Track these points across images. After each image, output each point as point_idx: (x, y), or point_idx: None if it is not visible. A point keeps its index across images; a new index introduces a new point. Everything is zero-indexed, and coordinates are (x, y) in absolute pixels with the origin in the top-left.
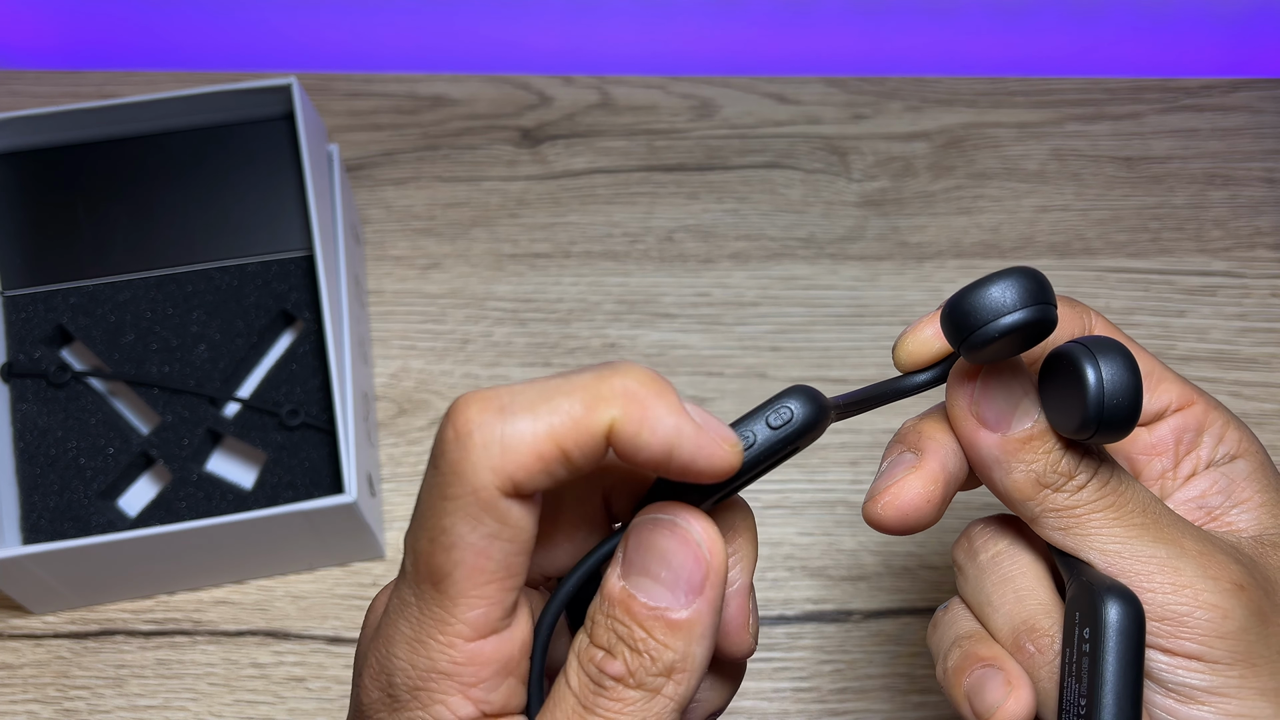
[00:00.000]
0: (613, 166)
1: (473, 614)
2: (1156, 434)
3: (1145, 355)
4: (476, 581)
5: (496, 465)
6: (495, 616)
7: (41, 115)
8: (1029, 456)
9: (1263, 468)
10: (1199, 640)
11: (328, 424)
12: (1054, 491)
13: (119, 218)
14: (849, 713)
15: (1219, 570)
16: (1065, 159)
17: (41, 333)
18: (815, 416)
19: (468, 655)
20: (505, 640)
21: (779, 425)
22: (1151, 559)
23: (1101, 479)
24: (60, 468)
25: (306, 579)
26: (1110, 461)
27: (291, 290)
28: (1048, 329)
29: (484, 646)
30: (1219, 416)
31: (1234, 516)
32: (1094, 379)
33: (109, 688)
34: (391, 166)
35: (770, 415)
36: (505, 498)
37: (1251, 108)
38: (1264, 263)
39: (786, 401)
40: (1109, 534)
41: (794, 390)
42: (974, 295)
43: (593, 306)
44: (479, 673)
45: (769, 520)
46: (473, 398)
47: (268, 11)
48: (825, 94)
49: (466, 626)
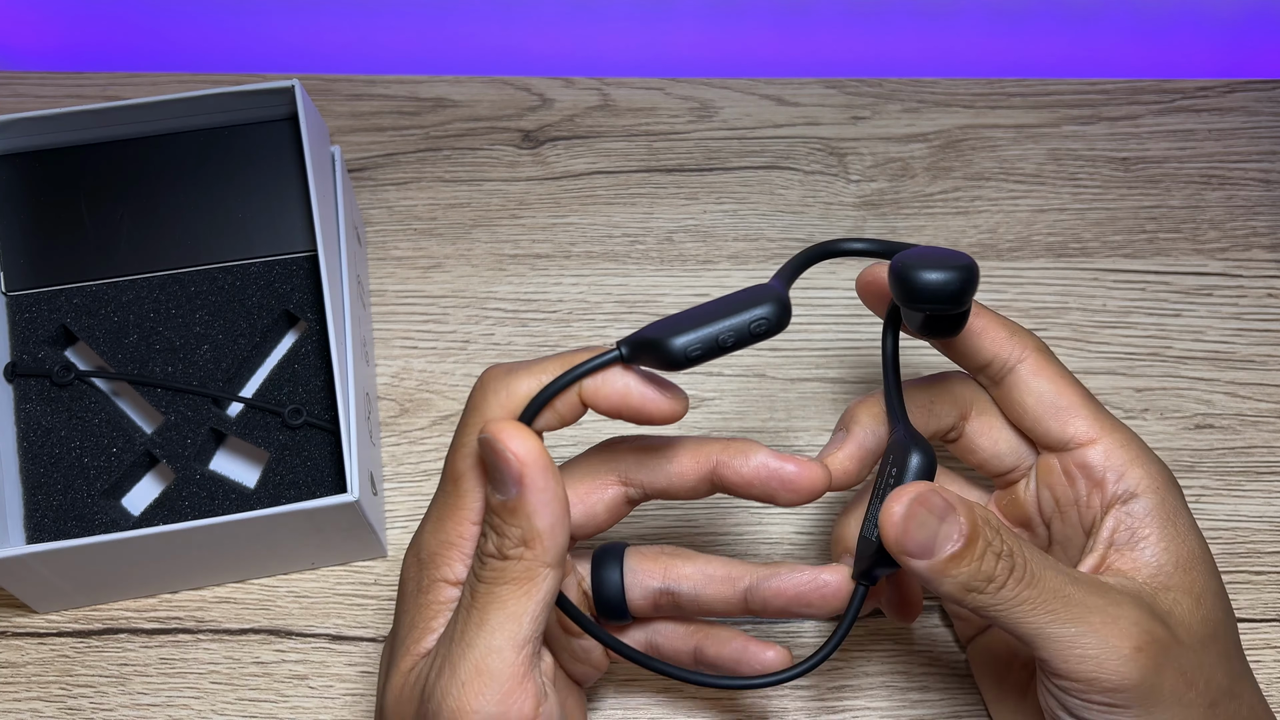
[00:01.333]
0: (613, 168)
1: (477, 504)
2: (1066, 467)
3: (1075, 391)
4: (480, 482)
5: (503, 403)
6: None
7: (45, 117)
8: (955, 571)
9: (1162, 504)
10: (1105, 694)
11: (330, 424)
12: (979, 594)
13: (122, 219)
14: (848, 710)
15: (1119, 639)
16: (1062, 160)
17: (45, 333)
18: (783, 319)
19: (470, 534)
20: None
21: (759, 331)
22: (1062, 639)
23: (1017, 576)
24: (64, 467)
25: (309, 578)
26: (1021, 554)
27: (294, 291)
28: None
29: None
30: (1121, 456)
31: (1138, 553)
32: (921, 276)
33: (112, 686)
34: (393, 168)
35: (753, 323)
36: None
37: (1248, 109)
38: (1260, 264)
39: (761, 312)
40: (1027, 620)
41: (770, 300)
42: (923, 278)
43: (593, 307)
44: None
45: (769, 520)
46: (493, 366)
47: (270, 14)
48: (824, 96)
49: (472, 513)
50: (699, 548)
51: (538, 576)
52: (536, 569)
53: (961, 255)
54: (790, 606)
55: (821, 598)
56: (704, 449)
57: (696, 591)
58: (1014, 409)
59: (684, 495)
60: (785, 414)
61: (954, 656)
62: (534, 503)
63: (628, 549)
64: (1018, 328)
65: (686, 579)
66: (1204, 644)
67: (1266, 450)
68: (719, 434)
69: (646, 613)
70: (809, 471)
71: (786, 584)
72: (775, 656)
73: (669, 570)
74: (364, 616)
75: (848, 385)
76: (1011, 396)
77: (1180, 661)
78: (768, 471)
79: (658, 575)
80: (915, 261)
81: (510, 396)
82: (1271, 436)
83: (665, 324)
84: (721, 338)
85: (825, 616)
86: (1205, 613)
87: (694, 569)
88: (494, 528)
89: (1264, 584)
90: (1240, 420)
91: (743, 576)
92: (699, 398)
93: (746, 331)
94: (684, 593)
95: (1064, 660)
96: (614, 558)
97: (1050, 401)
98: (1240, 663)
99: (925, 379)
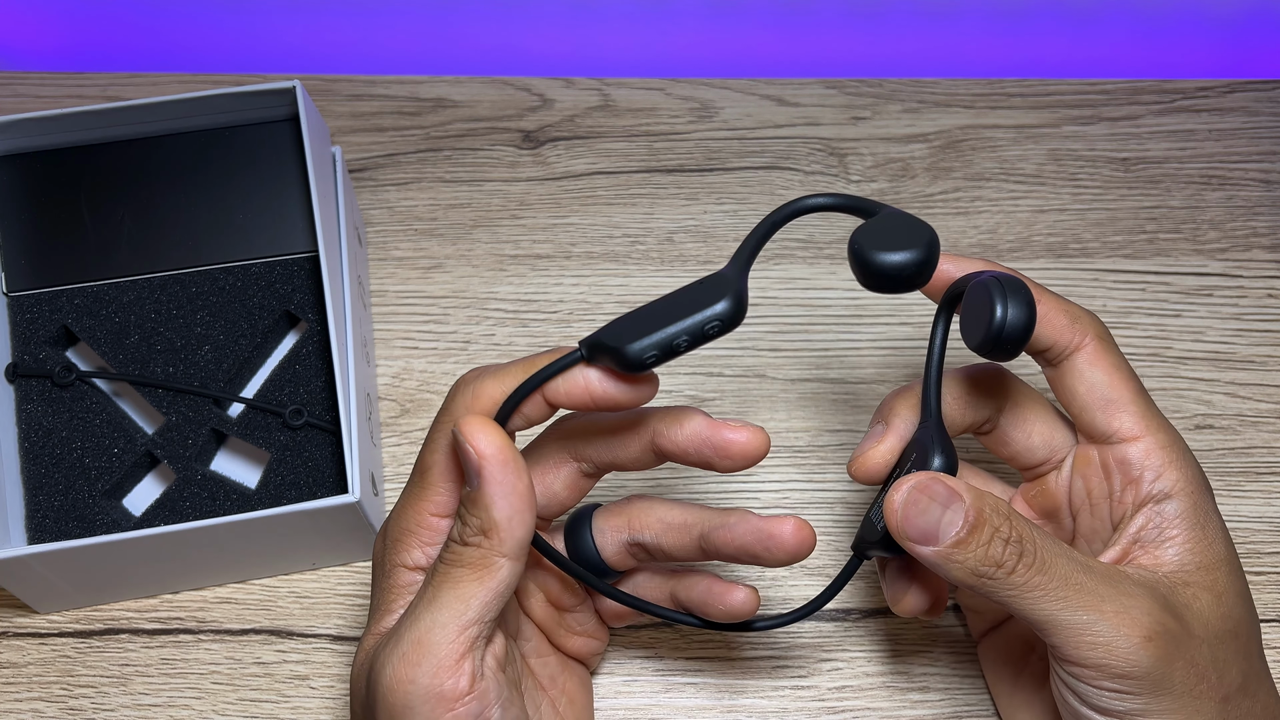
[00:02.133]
0: (613, 168)
1: (439, 496)
2: (1105, 460)
3: (1129, 385)
4: (445, 476)
5: (469, 404)
6: (452, 505)
7: (46, 117)
8: (960, 557)
9: (1194, 508)
10: (1115, 680)
11: (331, 424)
12: (989, 579)
13: (123, 219)
14: (848, 711)
15: (1130, 627)
16: (1062, 161)
17: (46, 333)
18: (737, 316)
19: (428, 524)
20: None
21: (712, 333)
22: (1074, 625)
23: (1026, 562)
24: (65, 468)
25: (310, 578)
26: (1032, 540)
27: (295, 291)
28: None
29: (442, 523)
30: (1161, 457)
31: (1162, 551)
32: (1000, 311)
33: (113, 686)
34: (394, 168)
35: (707, 325)
36: None
37: (1248, 109)
38: (1260, 264)
39: (716, 311)
40: (1039, 606)
41: (724, 297)
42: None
43: (594, 307)
44: (433, 538)
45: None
46: (470, 370)
47: (271, 14)
48: (824, 96)
49: (432, 504)
50: None
51: (493, 565)
52: (492, 558)
53: (922, 227)
54: (740, 555)
55: (766, 549)
56: (644, 420)
57: (658, 540)
58: (1065, 394)
59: (632, 466)
60: (785, 414)
61: (954, 656)
62: (491, 494)
63: (596, 509)
64: (1080, 312)
65: (648, 528)
66: (1220, 639)
67: (1266, 450)
68: None
69: (626, 563)
70: (742, 437)
71: (736, 532)
72: (744, 596)
73: (632, 521)
74: (365, 617)
75: (848, 386)
76: (1064, 382)
77: (1192, 654)
78: (700, 439)
79: (623, 528)
80: (871, 240)
81: (476, 397)
82: (1271, 437)
83: (622, 324)
84: (676, 341)
85: (774, 565)
86: (1225, 610)
87: (654, 518)
88: (460, 516)
89: (1264, 584)
90: (1240, 420)
91: (697, 524)
92: (699, 398)
93: (701, 333)
94: (648, 542)
95: (1075, 647)
96: (583, 520)
97: (1101, 393)
98: (1259, 663)
99: (961, 371)
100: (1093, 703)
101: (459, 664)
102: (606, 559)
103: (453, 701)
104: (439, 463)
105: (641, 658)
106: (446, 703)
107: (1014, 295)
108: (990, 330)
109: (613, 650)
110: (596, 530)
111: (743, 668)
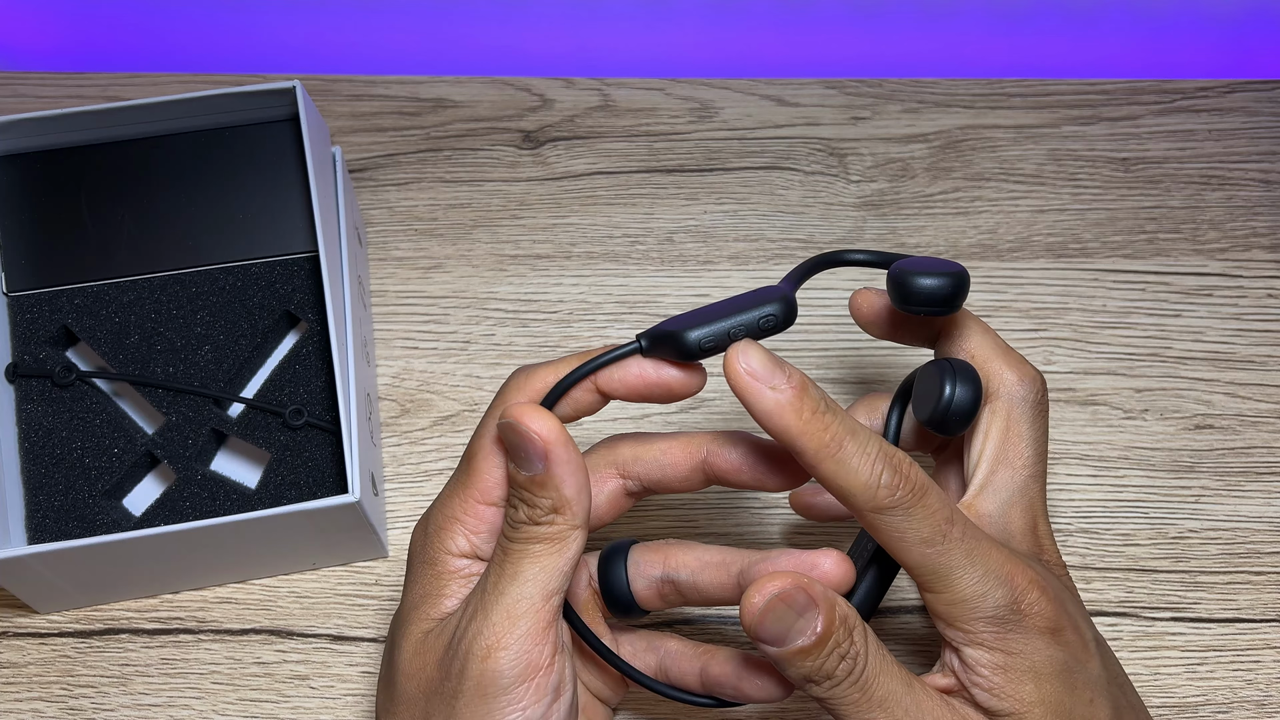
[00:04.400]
0: (613, 168)
1: (485, 483)
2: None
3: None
4: (491, 463)
5: (522, 394)
6: (498, 491)
7: (46, 117)
8: (798, 663)
9: (1009, 658)
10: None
11: (331, 424)
12: (816, 686)
13: (123, 219)
14: None
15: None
16: (1062, 161)
17: (46, 333)
18: (789, 317)
19: (474, 511)
20: (501, 512)
21: (767, 327)
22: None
23: (852, 680)
24: (65, 468)
25: (310, 578)
26: (868, 661)
27: (295, 291)
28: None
29: (487, 510)
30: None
31: (973, 694)
32: (948, 394)
33: (114, 686)
34: (394, 168)
35: (761, 319)
36: None
37: (1248, 109)
38: (1260, 264)
39: (770, 310)
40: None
41: (777, 299)
42: (919, 283)
43: (594, 307)
44: (478, 525)
45: (769, 521)
46: (522, 365)
47: (271, 14)
48: (824, 96)
49: (478, 491)
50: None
51: (568, 538)
52: (566, 532)
53: (954, 264)
54: None
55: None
56: (696, 439)
57: (694, 578)
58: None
59: (679, 487)
60: None
61: None
62: (560, 474)
63: (633, 545)
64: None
65: (684, 566)
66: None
67: (1266, 450)
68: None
69: (654, 603)
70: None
71: (778, 566)
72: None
73: (668, 559)
74: (365, 617)
75: (848, 386)
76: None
77: None
78: (755, 458)
79: (658, 564)
80: (911, 268)
81: (526, 387)
82: (1271, 437)
83: (680, 319)
84: (732, 331)
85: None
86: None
87: (692, 556)
88: (523, 500)
89: (1264, 584)
90: (1240, 420)
91: (736, 561)
92: (699, 398)
93: (755, 326)
94: (683, 580)
95: None
96: (619, 553)
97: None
98: (1093, 692)
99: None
100: None
101: (545, 633)
102: (636, 594)
103: (538, 670)
104: (486, 451)
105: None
106: (534, 670)
107: (962, 376)
108: (938, 408)
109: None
110: (631, 563)
111: None
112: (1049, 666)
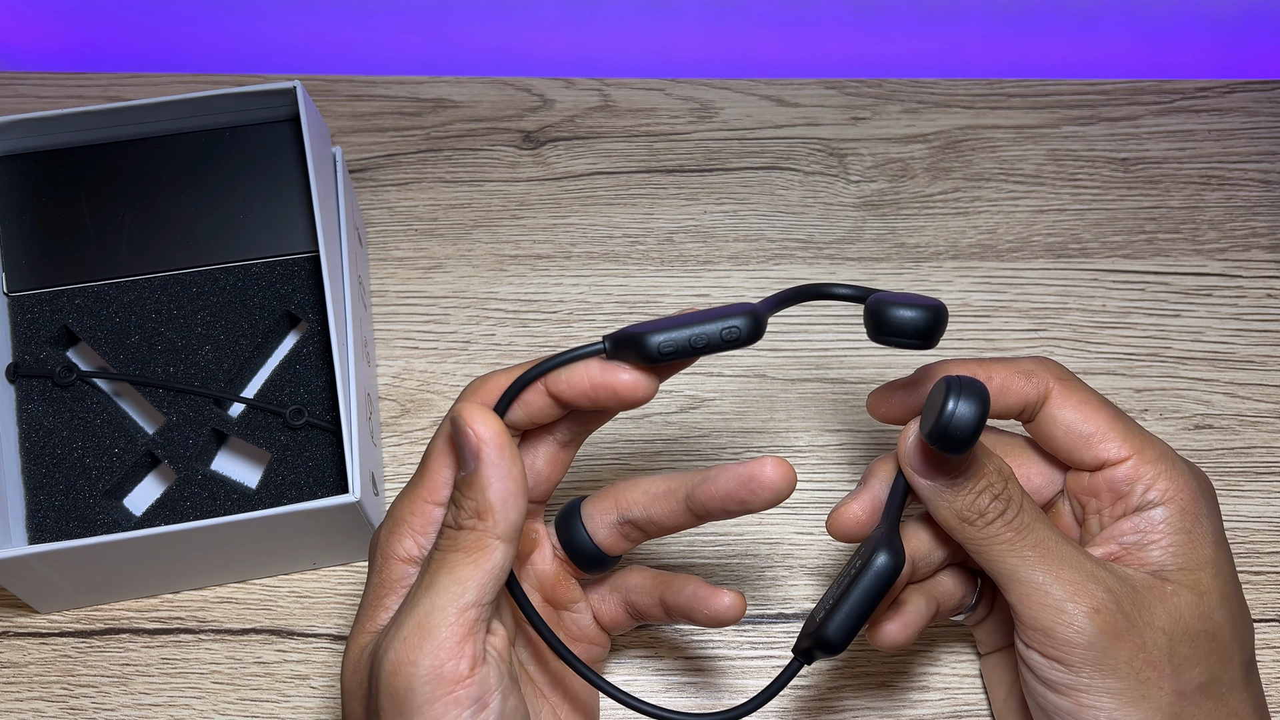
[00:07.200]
0: (613, 169)
1: (435, 483)
2: (1093, 481)
3: (1102, 414)
4: (442, 463)
5: (476, 396)
6: (445, 492)
7: (46, 118)
8: (950, 498)
9: (1182, 513)
10: (1060, 648)
11: (332, 424)
12: (969, 525)
13: (124, 219)
14: (847, 710)
15: (1082, 597)
16: (1062, 161)
17: (47, 333)
18: (754, 333)
19: (421, 511)
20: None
21: (730, 339)
22: (1031, 583)
23: (1006, 519)
24: (66, 467)
25: (310, 578)
26: (1019, 504)
27: (296, 291)
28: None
29: (434, 511)
30: (1150, 470)
31: (1144, 554)
32: (950, 409)
33: (114, 686)
34: (394, 169)
35: (724, 330)
36: None
37: (1247, 110)
38: (1259, 264)
39: (735, 322)
40: (1004, 560)
41: (746, 313)
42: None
43: (594, 307)
44: (425, 526)
45: (768, 520)
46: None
47: (272, 15)
48: (823, 96)
49: (428, 491)
50: (694, 547)
51: (488, 547)
52: (487, 539)
53: (932, 299)
54: (728, 505)
55: (751, 492)
56: (678, 483)
57: (646, 512)
58: (1048, 441)
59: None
60: (785, 414)
61: (954, 656)
62: (489, 475)
63: (582, 500)
64: (1034, 365)
65: (635, 504)
66: (1190, 637)
67: (1266, 450)
68: (719, 434)
69: (620, 546)
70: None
71: (718, 484)
72: (730, 601)
73: (619, 501)
74: None
75: (848, 386)
76: (1043, 431)
77: (1145, 640)
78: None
79: (611, 509)
80: (889, 299)
81: (484, 391)
82: (1271, 436)
83: (647, 324)
84: (694, 339)
85: (762, 507)
86: (1204, 610)
87: (639, 492)
88: (455, 501)
89: (1264, 584)
90: (1240, 420)
91: (681, 486)
92: (699, 398)
93: (718, 337)
94: (637, 517)
95: (1026, 605)
96: (572, 512)
97: (1078, 430)
98: (1238, 671)
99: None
100: (1042, 675)
101: (460, 646)
102: (600, 543)
103: (453, 684)
104: (437, 448)
105: (641, 658)
106: (447, 685)
107: (967, 392)
108: (938, 423)
109: (613, 650)
110: (586, 517)
111: (742, 667)
112: (1221, 538)
